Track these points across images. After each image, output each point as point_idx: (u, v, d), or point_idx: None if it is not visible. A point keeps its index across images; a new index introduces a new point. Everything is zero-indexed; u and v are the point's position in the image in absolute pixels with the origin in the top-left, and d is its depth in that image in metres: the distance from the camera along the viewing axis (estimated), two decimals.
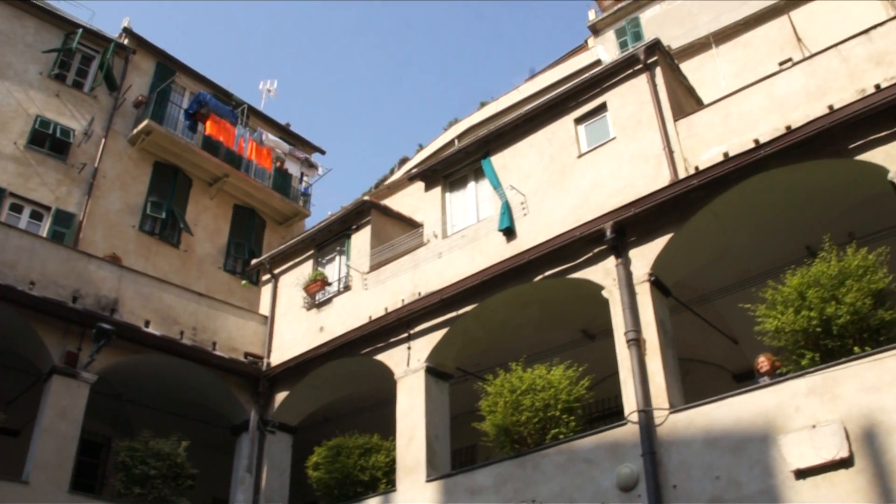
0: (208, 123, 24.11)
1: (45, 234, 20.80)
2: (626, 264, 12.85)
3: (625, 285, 12.67)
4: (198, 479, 16.35)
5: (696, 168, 12.84)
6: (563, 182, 14.69)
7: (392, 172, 34.66)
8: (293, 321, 18.36)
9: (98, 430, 18.41)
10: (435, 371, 15.11)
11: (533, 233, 14.47)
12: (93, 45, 25.03)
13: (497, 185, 15.51)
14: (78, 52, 24.59)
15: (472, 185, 16.66)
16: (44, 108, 23.15)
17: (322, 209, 28.28)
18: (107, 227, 22.56)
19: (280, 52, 74.11)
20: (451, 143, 26.52)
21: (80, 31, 24.41)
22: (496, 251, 14.83)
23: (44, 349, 15.69)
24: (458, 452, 16.07)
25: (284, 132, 28.42)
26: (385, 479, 14.97)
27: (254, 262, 20.99)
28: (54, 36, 24.51)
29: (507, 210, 15.03)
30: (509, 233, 14.89)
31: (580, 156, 14.72)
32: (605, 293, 13.00)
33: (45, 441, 14.97)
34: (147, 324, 17.04)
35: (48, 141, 22.59)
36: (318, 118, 73.83)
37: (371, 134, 76.80)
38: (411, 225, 18.00)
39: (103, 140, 23.66)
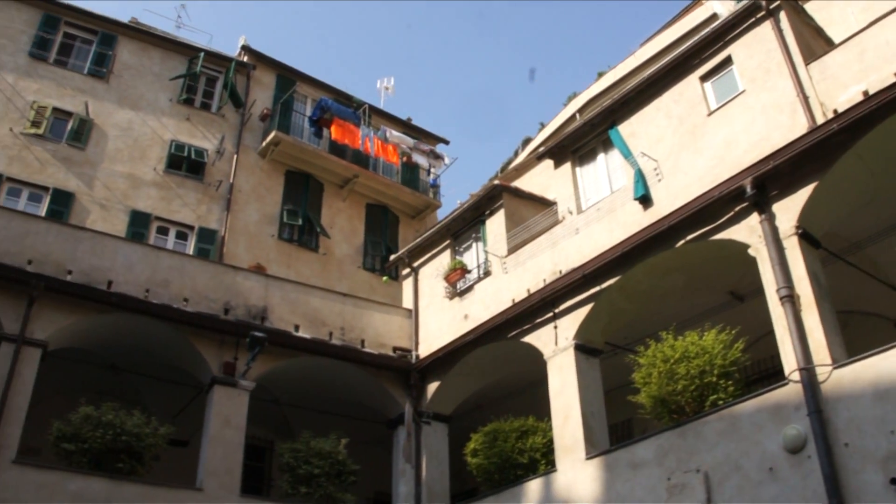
0: (333, 127, 24.57)
1: (191, 252, 21.69)
2: (770, 219, 12.36)
3: (772, 241, 12.19)
4: (359, 475, 16.70)
5: (835, 111, 12.20)
6: (696, 142, 14.25)
7: (516, 154, 34.43)
8: (437, 312, 18.49)
9: (260, 435, 19.06)
10: (584, 348, 14.93)
11: (670, 198, 14.10)
12: (215, 67, 25.96)
13: (628, 154, 15.20)
14: (202, 75, 25.60)
15: (601, 156, 16.37)
16: (177, 132, 24.14)
17: (451, 199, 28.55)
18: (248, 239, 23.30)
19: (391, 47, 74.93)
20: (572, 117, 26.12)
21: (202, 54, 25.35)
22: (634, 220, 14.52)
23: (203, 361, 16.37)
24: (614, 427, 15.82)
25: (407, 127, 28.70)
26: (544, 459, 14.90)
27: (392, 257, 21.25)
28: (178, 63, 25.55)
29: (640, 178, 14.70)
30: (645, 200, 14.55)
31: (710, 113, 14.24)
32: (751, 252, 12.55)
33: (213, 449, 15.61)
34: (297, 328, 17.51)
35: (184, 163, 23.60)
36: (436, 109, 74.29)
37: (490, 118, 76.72)
38: (544, 204, 17.83)
39: (235, 156, 24.48)
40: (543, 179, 19.25)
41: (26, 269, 15.52)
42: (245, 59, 26.71)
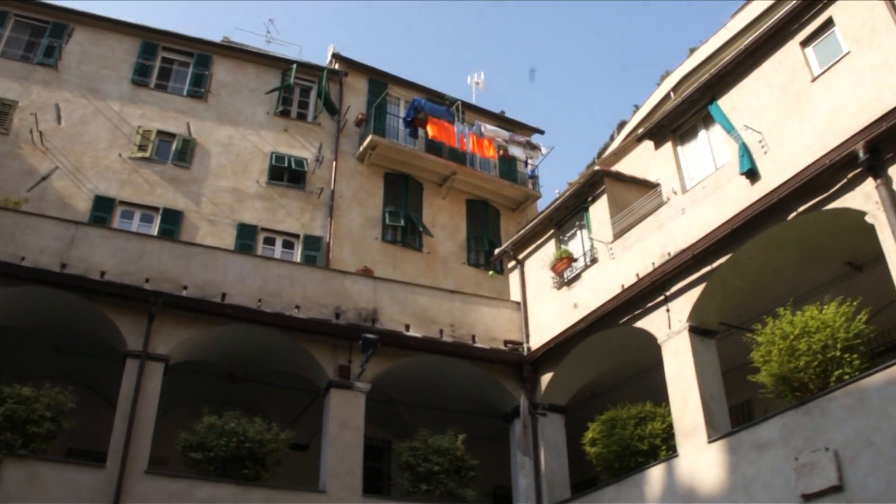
0: (428, 126, 24.69)
1: (299, 260, 22.15)
2: (887, 184, 11.82)
3: (890, 206, 11.63)
4: (478, 470, 16.75)
5: None
6: (800, 111, 13.76)
7: (612, 139, 33.99)
8: (545, 302, 18.38)
9: (378, 435, 19.33)
10: (698, 329, 14.60)
11: (777, 170, 13.65)
12: (307, 77, 26.42)
13: (730, 129, 14.79)
14: (296, 87, 26.11)
15: (702, 133, 16.00)
16: (276, 144, 24.68)
17: (549, 189, 28.39)
18: (352, 244, 23.63)
19: (478, 42, 74.82)
20: (667, 96, 25.63)
21: (294, 66, 25.84)
22: (741, 196, 14.12)
23: (318, 366, 16.69)
24: (734, 409, 15.42)
25: (501, 120, 28.64)
26: (664, 445, 14.66)
27: (497, 251, 21.21)
28: (272, 76, 26.14)
29: (745, 151, 14.28)
30: (752, 174, 14.13)
31: (813, 79, 13.72)
32: (868, 219, 12.04)
33: (334, 451, 15.91)
34: (407, 328, 17.68)
35: (286, 174, 24.13)
36: (528, 99, 73.90)
37: (583, 104, 75.92)
38: (646, 186, 17.53)
39: (334, 163, 24.86)
40: (643, 162, 18.94)
41: (144, 287, 16.13)
42: (336, 66, 27.12)
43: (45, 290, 15.75)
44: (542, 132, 29.63)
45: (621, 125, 33.56)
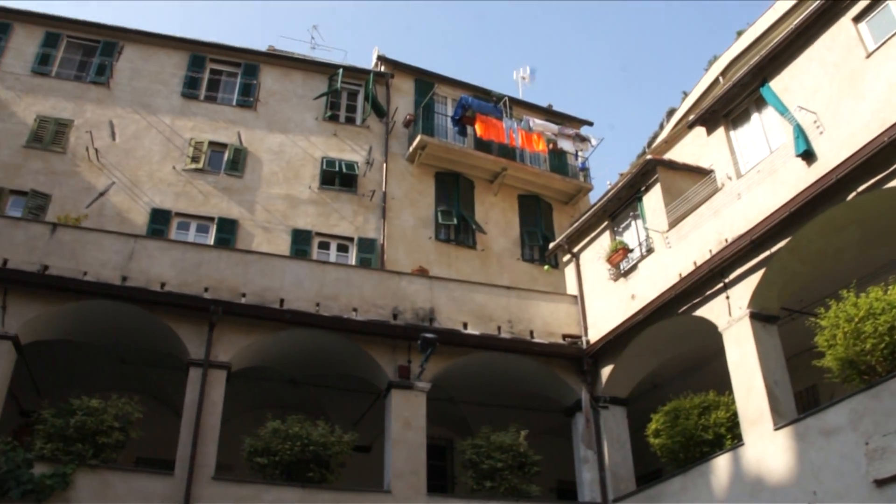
0: (476, 124, 24.68)
1: (354, 263, 22.28)
2: None
3: None
4: (540, 465, 16.69)
5: None
6: (855, 88, 13.47)
7: (662, 127, 33.62)
8: (602, 295, 18.26)
9: (440, 434, 19.38)
10: (760, 315, 14.36)
11: (834, 150, 13.38)
12: (354, 81, 26.62)
13: (784, 110, 14.53)
14: (343, 91, 26.30)
15: (755, 116, 15.75)
16: (326, 149, 24.88)
17: (600, 181, 28.11)
18: (406, 244, 23.71)
19: (521, 37, 74.49)
20: (716, 81, 25.23)
21: (341, 70, 26.02)
22: (798, 178, 13.87)
23: (378, 367, 16.77)
24: (799, 395, 15.17)
25: (549, 114, 28.53)
26: (730, 434, 14.46)
27: (551, 245, 21.12)
28: (319, 82, 26.38)
29: (800, 133, 14.02)
30: (808, 156, 13.87)
31: (868, 55, 13.41)
32: None
33: (397, 451, 15.97)
34: (465, 326, 17.69)
35: (337, 178, 24.31)
36: (574, 92, 73.38)
37: (630, 94, 75.19)
38: (700, 173, 17.30)
39: (384, 164, 24.97)
40: (695, 148, 18.70)
41: (204, 296, 16.37)
42: (382, 68, 27.27)
43: (108, 303, 16.07)
44: (590, 124, 29.47)
45: (670, 113, 33.18)
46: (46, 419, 14.59)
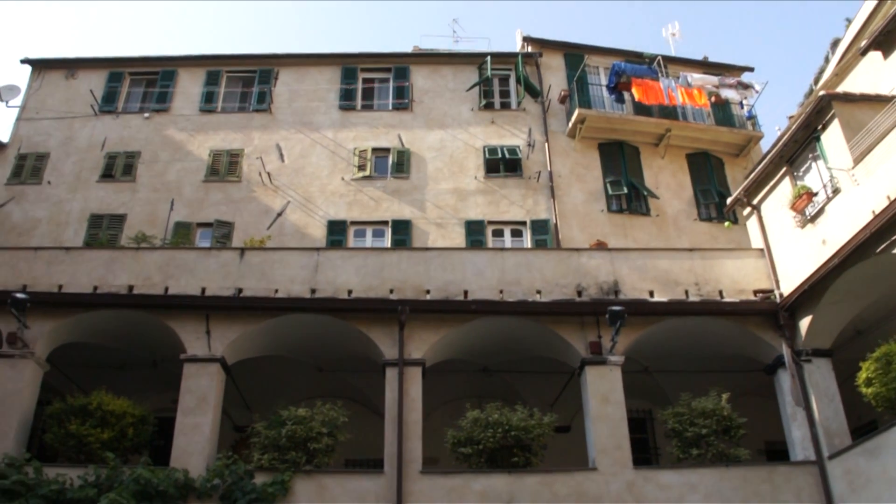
0: (633, 89, 24.21)
1: (530, 246, 22.32)
2: None
3: None
4: (746, 427, 16.17)
5: None
6: None
7: (827, 60, 31.90)
8: (790, 244, 17.47)
9: (637, 406, 19.09)
10: None
11: None
12: (503, 66, 26.72)
13: None
14: (494, 78, 26.45)
15: None
16: (486, 138, 25.05)
17: (769, 127, 26.72)
18: (579, 220, 23.52)
19: None
20: (881, 1, 23.75)
21: (488, 58, 26.17)
22: None
23: (568, 346, 16.73)
24: None
25: (706, 66, 27.61)
26: None
27: (729, 201, 20.38)
28: (469, 73, 26.64)
29: None
30: None
31: None
32: None
33: (598, 428, 15.89)
34: (651, 294, 17.35)
35: (501, 164, 24.41)
36: (728, 40, 70.62)
37: (787, 31, 71.61)
38: (881, 101, 16.24)
39: (546, 144, 24.86)
40: (871, 76, 17.62)
41: (390, 297, 16.83)
42: (529, 49, 27.17)
43: (301, 316, 16.88)
44: (751, 69, 28.24)
45: (835, 43, 31.42)
46: (260, 432, 15.51)
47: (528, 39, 27.44)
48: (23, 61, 26.96)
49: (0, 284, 17.10)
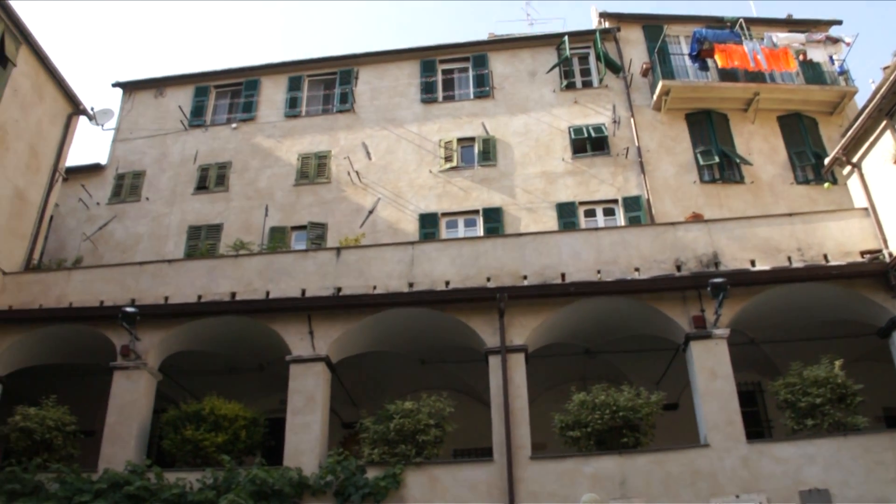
0: (716, 55, 23.64)
1: (624, 224, 22.09)
2: None
3: None
4: (863, 394, 15.62)
5: None
6: None
7: None
8: None
9: (746, 379, 18.80)
10: None
11: None
12: (581, 44, 26.51)
13: None
14: (573, 57, 26.26)
15: None
16: (570, 118, 24.86)
17: (863, 81, 25.78)
18: (671, 194, 23.11)
19: None
20: None
21: (566, 38, 25.95)
22: None
23: (672, 322, 16.51)
24: None
25: (791, 24, 26.72)
26: None
27: (826, 161, 19.75)
28: (547, 55, 26.48)
29: None
30: None
31: None
32: None
33: (707, 403, 15.60)
34: (753, 263, 16.95)
35: (588, 144, 24.21)
36: None
37: None
38: None
39: (632, 119, 24.53)
40: None
41: (488, 286, 16.88)
42: (606, 25, 26.83)
43: (400, 310, 17.06)
44: (839, 23, 27.19)
45: None
46: (369, 427, 15.75)
47: (604, 15, 27.08)
48: (114, 85, 27.97)
49: (110, 300, 17.79)
